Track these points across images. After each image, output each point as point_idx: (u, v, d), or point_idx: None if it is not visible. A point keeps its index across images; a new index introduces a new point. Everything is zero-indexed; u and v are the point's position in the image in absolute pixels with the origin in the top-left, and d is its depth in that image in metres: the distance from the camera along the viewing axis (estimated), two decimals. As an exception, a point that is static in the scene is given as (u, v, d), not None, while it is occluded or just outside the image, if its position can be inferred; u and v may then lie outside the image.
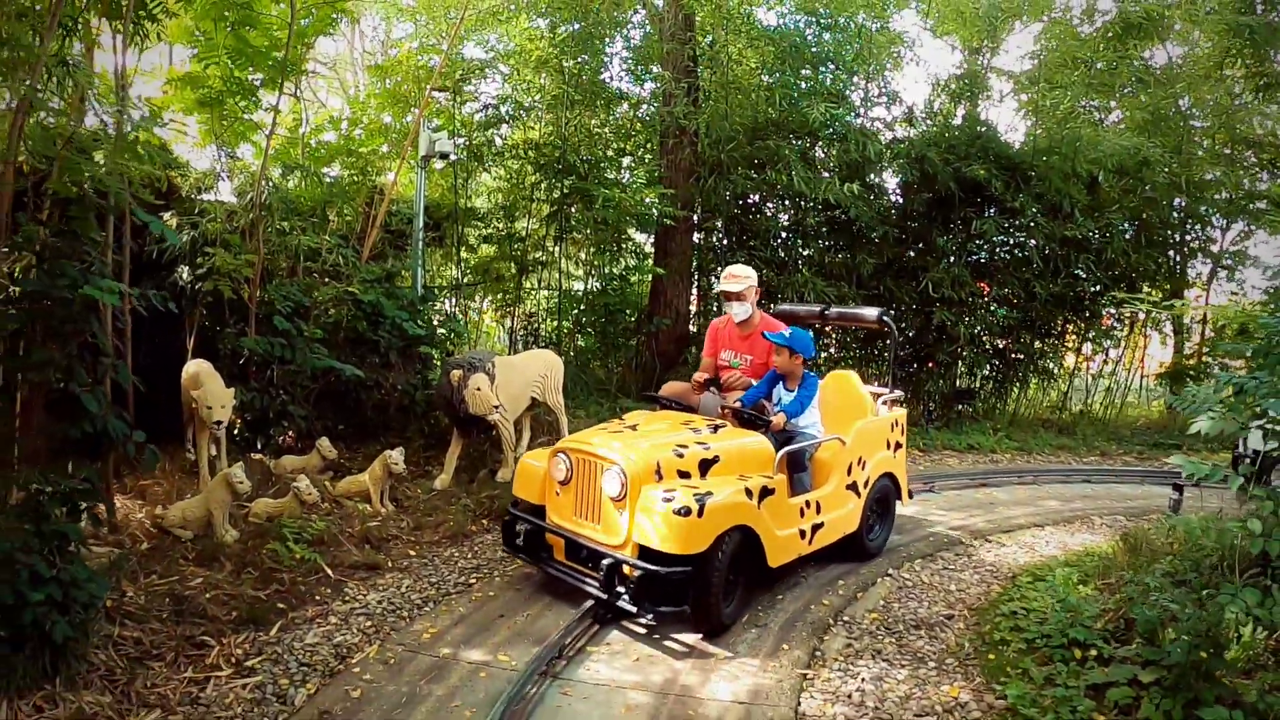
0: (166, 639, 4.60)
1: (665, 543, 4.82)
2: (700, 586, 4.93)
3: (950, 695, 4.48)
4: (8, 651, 3.89)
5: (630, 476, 5.06)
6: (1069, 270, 12.98)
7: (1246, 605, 4.03)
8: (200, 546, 5.72)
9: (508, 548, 5.87)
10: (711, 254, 13.12)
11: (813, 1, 12.44)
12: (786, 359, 6.06)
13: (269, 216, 8.25)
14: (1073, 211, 12.61)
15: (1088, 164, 12.19)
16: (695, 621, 5.07)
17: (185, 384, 7.13)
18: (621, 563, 5.03)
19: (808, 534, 5.81)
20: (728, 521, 5.02)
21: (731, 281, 6.59)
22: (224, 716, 4.05)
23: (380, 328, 8.67)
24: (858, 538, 6.46)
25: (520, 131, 12.42)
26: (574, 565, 5.41)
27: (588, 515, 5.34)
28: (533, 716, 4.11)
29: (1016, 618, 5.29)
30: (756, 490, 5.28)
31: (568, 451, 5.49)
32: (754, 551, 5.32)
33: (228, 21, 7.93)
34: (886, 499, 6.92)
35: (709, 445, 5.49)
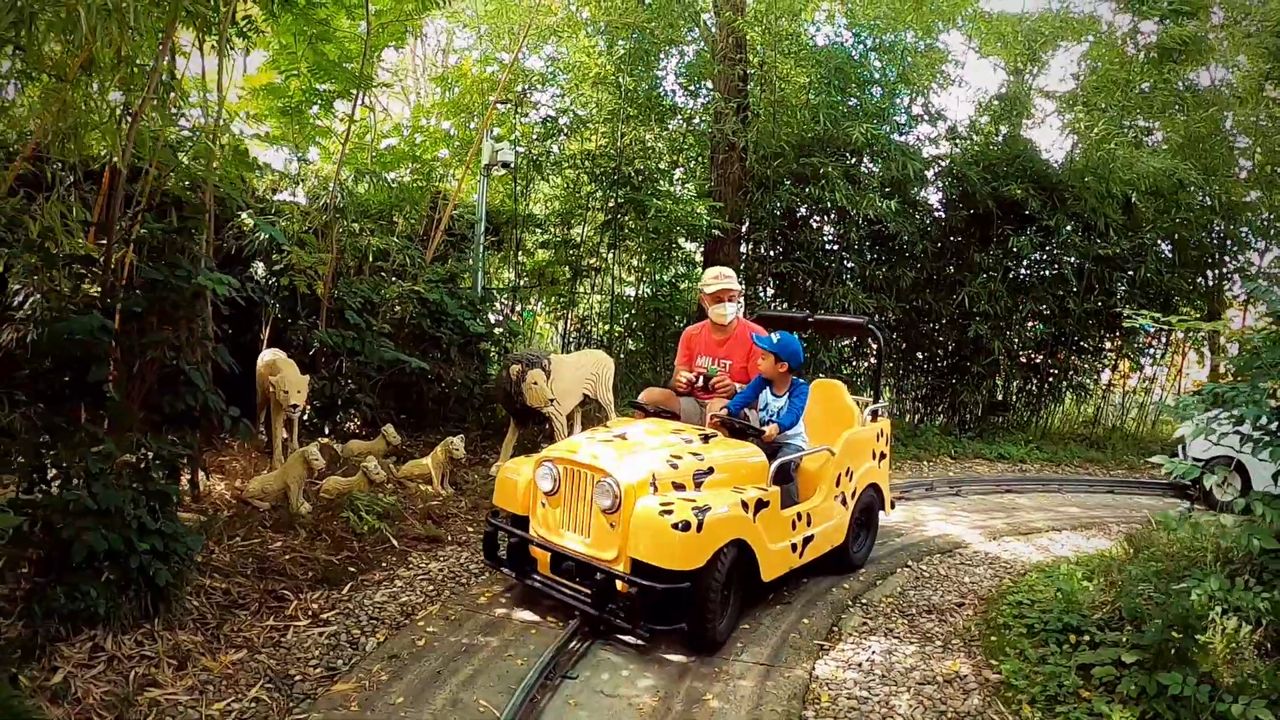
0: (250, 591, 5.11)
1: (663, 558, 4.59)
2: (697, 603, 4.72)
3: (951, 669, 4.85)
4: (116, 591, 4.39)
5: (624, 489, 4.81)
6: (1103, 288, 13.13)
7: (1211, 591, 4.31)
8: (277, 516, 6.24)
9: (488, 560, 5.56)
10: (758, 264, 13.48)
11: (866, 17, 12.79)
12: (772, 364, 5.87)
13: (341, 218, 8.80)
14: (1108, 230, 12.79)
15: (1122, 185, 12.34)
16: (690, 639, 4.84)
17: (261, 372, 7.67)
18: (615, 578, 4.78)
19: (799, 547, 5.63)
20: (726, 536, 4.82)
21: (724, 281, 6.45)
22: (303, 657, 4.53)
23: (442, 325, 9.20)
24: (844, 549, 6.30)
25: (577, 143, 12.89)
26: (559, 580, 5.18)
27: (577, 528, 5.07)
28: (577, 665, 4.54)
29: (1021, 607, 5.56)
30: (752, 503, 5.09)
31: (555, 461, 5.19)
32: (747, 566, 5.12)
33: (306, 36, 8.52)
34: (871, 509, 6.75)
35: (703, 456, 5.27)
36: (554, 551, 5.12)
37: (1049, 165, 13.22)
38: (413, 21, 9.54)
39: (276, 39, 8.47)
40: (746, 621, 5.36)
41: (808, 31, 13.25)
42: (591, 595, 4.82)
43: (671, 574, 4.59)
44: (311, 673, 4.39)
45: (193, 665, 4.33)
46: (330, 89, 9.21)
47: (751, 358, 6.32)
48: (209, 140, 6.22)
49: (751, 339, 6.24)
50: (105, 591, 4.32)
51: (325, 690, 4.20)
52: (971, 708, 4.43)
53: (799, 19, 12.57)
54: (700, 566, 4.63)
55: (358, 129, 10.07)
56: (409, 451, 8.29)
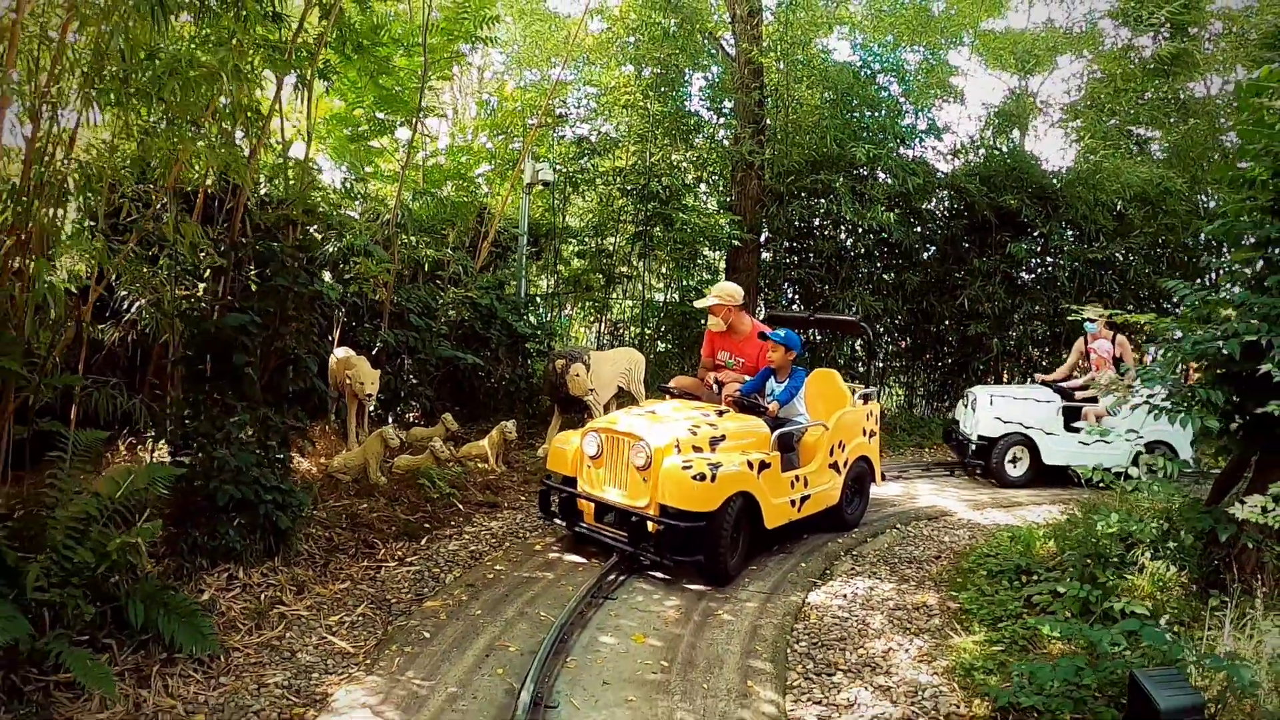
0: (347, 540, 6.23)
1: (684, 502, 5.70)
2: (711, 539, 5.77)
3: (920, 600, 5.93)
4: (246, 534, 5.50)
5: (654, 450, 5.94)
6: (1095, 289, 13.92)
7: (1111, 524, 5.33)
8: (359, 486, 7.35)
9: (542, 513, 6.71)
10: (776, 270, 14.49)
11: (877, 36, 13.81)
12: (781, 355, 7.05)
13: (402, 232, 9.93)
14: (1098, 235, 13.68)
15: (1110, 194, 13.20)
16: (706, 570, 5.90)
17: (335, 368, 8.77)
18: (646, 520, 5.87)
19: (797, 503, 6.70)
20: (733, 487, 5.88)
21: (713, 299, 7.59)
22: (395, 587, 5.63)
23: (492, 326, 10.32)
24: (838, 510, 7.38)
25: (609, 161, 13.97)
26: (602, 526, 6.31)
27: (617, 484, 6.20)
28: (616, 591, 5.68)
29: (985, 558, 6.54)
30: (756, 464, 6.20)
31: (599, 431, 6.36)
32: (754, 516, 6.21)
33: (369, 71, 9.68)
34: (862, 478, 7.81)
35: (717, 426, 6.44)
36: (598, 503, 6.30)
37: (1045, 176, 14.07)
38: (460, 57, 10.71)
39: (345, 75, 9.63)
40: (754, 565, 6.43)
41: (823, 50, 14.26)
42: (628, 535, 5.96)
43: (691, 516, 5.70)
44: (404, 597, 5.49)
45: (308, 591, 5.45)
46: (390, 118, 10.40)
47: (762, 352, 7.41)
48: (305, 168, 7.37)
49: (764, 333, 7.29)
50: (239, 533, 5.43)
51: (417, 607, 5.30)
52: (932, 626, 5.48)
53: (811, 46, 13.58)
54: (714, 510, 5.73)
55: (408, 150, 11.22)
56: (464, 437, 9.38)
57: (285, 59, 6.38)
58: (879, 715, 4.33)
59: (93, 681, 3.77)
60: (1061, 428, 9.93)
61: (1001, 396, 10.07)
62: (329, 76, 8.29)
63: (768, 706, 4.34)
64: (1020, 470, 10.03)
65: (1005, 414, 9.87)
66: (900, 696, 4.52)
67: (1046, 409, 9.94)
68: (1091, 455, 9.33)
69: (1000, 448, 9.86)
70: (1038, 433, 9.87)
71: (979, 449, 10.01)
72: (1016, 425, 9.85)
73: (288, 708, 4.11)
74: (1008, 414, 9.87)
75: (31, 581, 3.86)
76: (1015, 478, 10.00)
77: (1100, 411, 9.66)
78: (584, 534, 6.41)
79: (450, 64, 10.67)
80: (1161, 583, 5.31)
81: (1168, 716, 3.26)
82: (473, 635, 4.94)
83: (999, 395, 10.11)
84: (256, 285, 6.41)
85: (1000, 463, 9.91)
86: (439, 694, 4.23)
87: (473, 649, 4.77)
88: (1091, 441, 9.31)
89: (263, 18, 6.20)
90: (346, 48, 8.46)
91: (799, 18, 13.09)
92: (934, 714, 4.33)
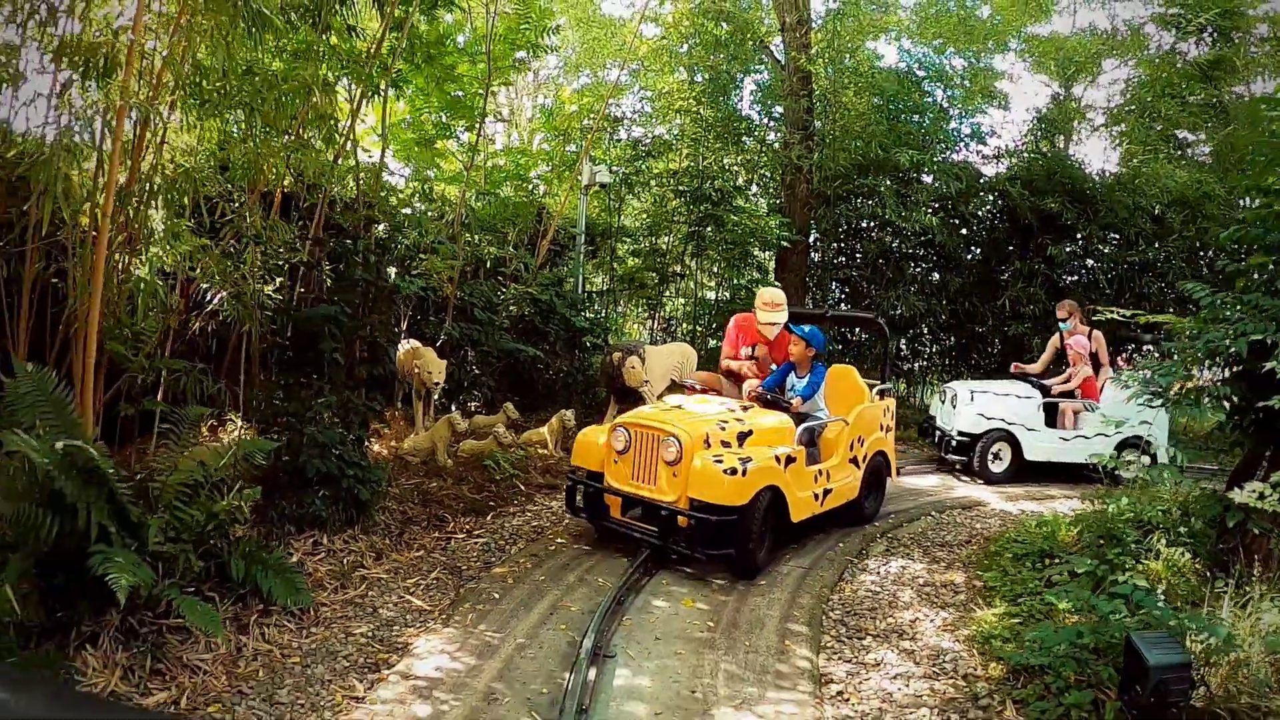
0: (419, 514, 6.73)
1: (716, 496, 5.73)
2: (742, 533, 5.81)
3: (948, 578, 6.29)
4: (331, 504, 6.01)
5: (685, 445, 5.96)
6: (1134, 292, 14.04)
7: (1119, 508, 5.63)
8: (427, 467, 7.85)
9: (568, 509, 6.73)
10: (823, 270, 14.84)
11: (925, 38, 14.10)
12: (801, 349, 7.10)
13: (466, 231, 10.46)
14: (1137, 239, 13.82)
15: (1149, 198, 13.35)
16: (736, 564, 5.96)
17: (403, 358, 9.29)
18: (677, 514, 5.88)
19: (820, 497, 6.75)
20: (762, 481, 5.94)
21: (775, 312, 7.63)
22: (465, 556, 6.12)
23: (550, 321, 10.81)
24: (858, 503, 7.43)
25: (663, 163, 14.41)
26: (630, 520, 6.35)
27: (645, 478, 6.17)
28: (666, 566, 6.11)
29: (1013, 543, 6.81)
30: (783, 458, 6.25)
31: (627, 426, 6.34)
32: (779, 510, 6.24)
33: (435, 79, 10.22)
34: (879, 472, 7.85)
35: (744, 420, 6.46)
36: (626, 497, 6.32)
37: (1086, 179, 14.23)
38: (523, 65, 11.22)
39: (414, 83, 10.18)
40: (794, 544, 6.80)
41: (871, 53, 14.59)
42: (658, 529, 6.01)
43: (722, 510, 5.76)
44: (473, 565, 5.98)
45: (386, 557, 5.94)
46: (455, 123, 10.96)
47: (784, 346, 7.51)
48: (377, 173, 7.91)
49: (786, 330, 7.40)
50: (324, 503, 5.95)
51: (486, 573, 5.78)
52: (958, 601, 5.84)
53: (859, 52, 13.92)
54: (744, 504, 5.79)
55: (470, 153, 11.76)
56: (524, 425, 9.86)
57: (366, 72, 6.90)
58: (902, 673, 4.70)
59: (203, 624, 4.26)
60: (1043, 424, 9.89)
61: (983, 392, 10.01)
62: (400, 85, 8.82)
63: (802, 662, 4.75)
64: (1002, 467, 9.95)
65: (987, 410, 9.83)
66: (923, 659, 4.89)
67: (1028, 405, 9.88)
68: (1073, 451, 9.61)
69: (983, 444, 9.82)
70: (1020, 429, 9.82)
71: (959, 445, 9.95)
72: (999, 422, 9.82)
73: (373, 653, 4.59)
74: (990, 410, 9.83)
75: (153, 535, 4.38)
76: (997, 474, 9.91)
77: (1077, 407, 9.76)
78: (611, 529, 6.48)
79: (511, 70, 11.18)
80: (1175, 567, 5.58)
81: (1156, 671, 3.58)
82: (537, 597, 5.41)
83: (980, 391, 10.05)
84: (334, 280, 6.94)
85: (983, 459, 9.87)
86: (509, 643, 4.70)
87: (538, 608, 5.23)
88: (1072, 438, 9.56)
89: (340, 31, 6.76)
90: (417, 58, 9.00)
91: (846, 26, 13.42)
92: (953, 674, 4.69)
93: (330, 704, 4.07)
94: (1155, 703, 3.61)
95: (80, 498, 4.04)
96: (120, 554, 3.97)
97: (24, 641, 3.93)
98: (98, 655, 4.09)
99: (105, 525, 4.10)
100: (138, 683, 4.06)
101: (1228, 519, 5.23)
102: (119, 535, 4.18)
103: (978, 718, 4.22)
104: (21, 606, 3.84)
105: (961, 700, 4.40)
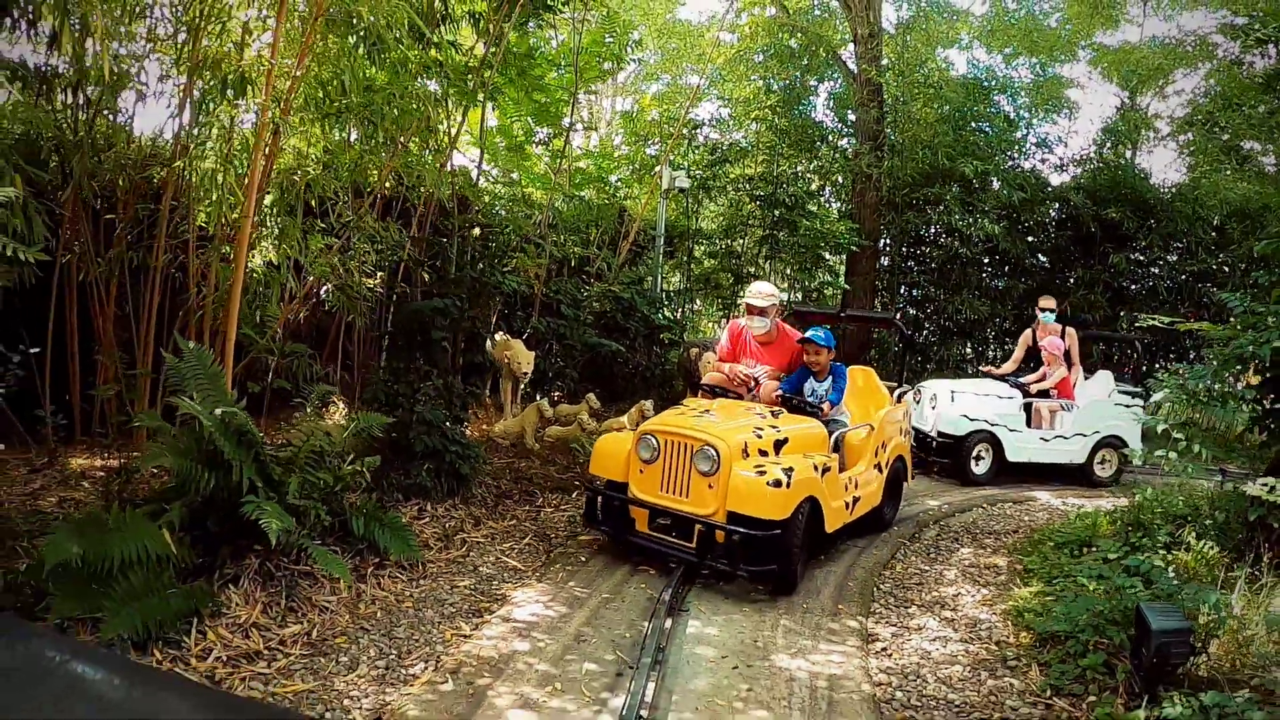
0: (512, 489, 7.40)
1: (762, 510, 5.38)
2: (785, 547, 5.49)
3: (991, 562, 6.75)
4: (434, 476, 6.68)
5: (723, 455, 5.58)
6: (1193, 300, 14.13)
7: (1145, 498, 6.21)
8: (516, 449, 8.51)
9: (587, 522, 6.33)
10: (890, 275, 15.25)
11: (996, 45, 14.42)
12: (825, 356, 6.84)
13: (554, 232, 11.13)
14: (1196, 249, 13.96)
15: (1209, 209, 13.46)
16: (777, 579, 5.63)
17: (494, 349, 9.99)
18: (715, 528, 5.52)
19: (850, 505, 6.51)
20: (805, 492, 5.64)
21: (758, 298, 7.08)
22: (553, 526, 6.75)
23: (631, 318, 11.42)
24: (880, 510, 7.23)
25: (739, 169, 14.94)
26: (658, 535, 5.91)
27: (676, 490, 5.76)
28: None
29: (1055, 533, 7.17)
30: (820, 467, 5.96)
31: (655, 433, 5.91)
32: (814, 521, 5.94)
33: (525, 88, 10.91)
34: (897, 478, 7.64)
35: (779, 428, 6.08)
36: (653, 509, 5.92)
37: (1149, 190, 14.36)
38: (606, 75, 11.86)
39: (506, 94, 10.88)
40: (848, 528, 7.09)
41: (942, 61, 14.96)
42: (696, 545, 5.67)
43: (765, 524, 5.42)
44: (560, 534, 6.60)
45: (483, 525, 6.60)
46: (542, 127, 11.66)
47: (792, 357, 7.17)
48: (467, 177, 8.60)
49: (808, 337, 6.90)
50: (429, 475, 6.62)
51: (573, 541, 6.40)
52: (999, 581, 6.29)
53: (931, 60, 14.29)
54: (788, 517, 5.49)
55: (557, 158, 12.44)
56: (605, 415, 10.48)
57: (470, 89, 7.58)
58: (941, 637, 5.19)
59: (333, 569, 4.93)
60: (1024, 424, 9.80)
61: (963, 393, 9.84)
62: (495, 96, 9.51)
63: (852, 622, 5.28)
64: (984, 468, 9.80)
65: (971, 411, 9.68)
66: (961, 626, 5.37)
67: (1009, 405, 9.77)
68: (1053, 451, 9.79)
69: (968, 446, 9.65)
70: (1002, 430, 9.70)
71: (942, 446, 9.80)
72: (982, 423, 9.66)
73: (476, 602, 5.22)
74: (974, 411, 9.68)
75: (292, 491, 5.07)
76: (979, 476, 9.74)
77: (1054, 407, 9.79)
78: (638, 544, 6.05)
79: (596, 80, 11.84)
80: (1204, 558, 5.90)
81: (1157, 635, 4.01)
82: (620, 561, 6.01)
83: (960, 392, 9.90)
84: (438, 276, 7.64)
85: (966, 461, 9.69)
86: (596, 597, 5.31)
87: (620, 570, 5.84)
88: (1052, 438, 9.77)
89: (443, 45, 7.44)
90: (510, 71, 9.69)
91: (917, 37, 13.82)
92: (987, 640, 5.16)
93: (441, 640, 4.69)
94: (1158, 664, 4.05)
95: (235, 456, 4.73)
96: (268, 504, 4.65)
97: (180, 578, 4.62)
98: (240, 593, 4.76)
99: (253, 481, 4.79)
100: (275, 616, 4.72)
101: (1249, 513, 5.59)
102: (264, 490, 4.87)
103: (1005, 676, 4.69)
104: (177, 547, 4.54)
105: (992, 661, 4.87)
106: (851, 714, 4.11)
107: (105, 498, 5.47)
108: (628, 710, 3.88)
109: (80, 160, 5.90)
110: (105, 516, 4.36)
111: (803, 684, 4.39)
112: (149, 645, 4.08)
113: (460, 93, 7.58)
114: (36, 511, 5.44)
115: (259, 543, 4.97)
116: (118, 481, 5.58)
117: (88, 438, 6.86)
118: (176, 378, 5.00)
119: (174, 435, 4.92)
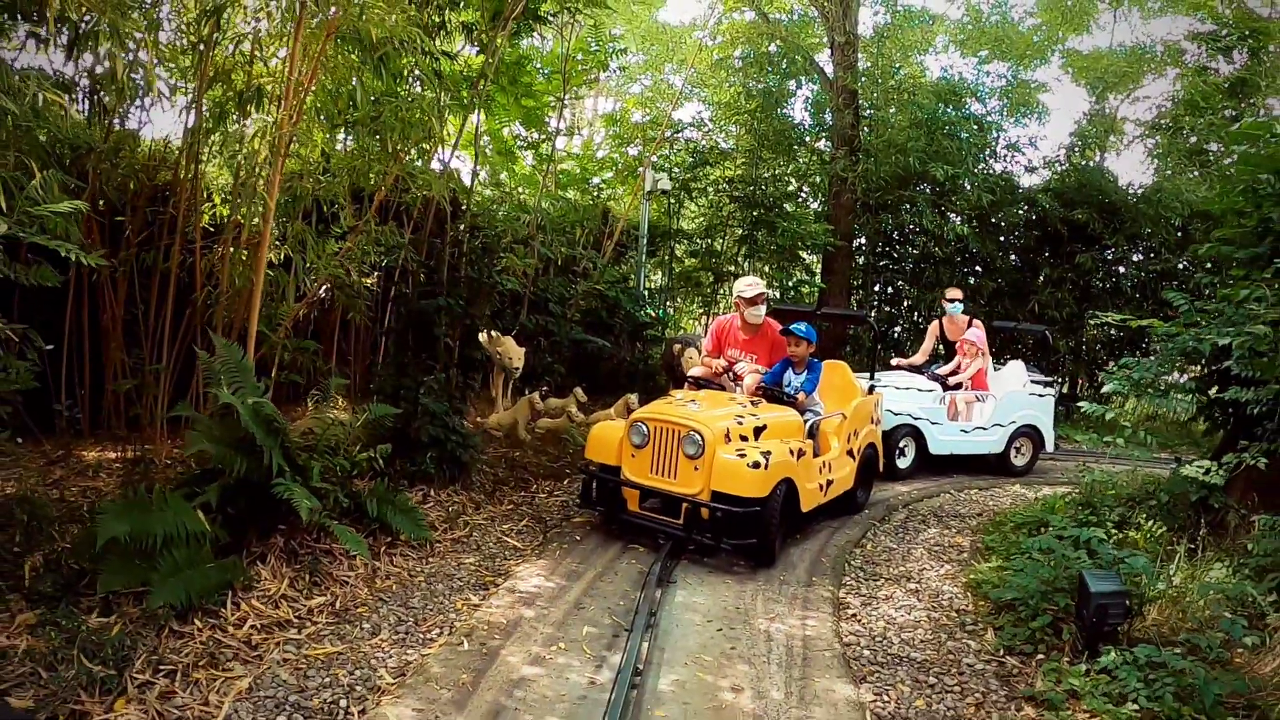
0: (508, 475, 7.92)
1: (742, 489, 5.98)
2: (765, 523, 6.08)
3: (956, 541, 7.33)
4: (438, 463, 7.17)
5: (707, 440, 6.16)
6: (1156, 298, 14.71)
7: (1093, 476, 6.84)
8: (509, 440, 9.00)
9: (583, 502, 6.95)
10: (865, 274, 15.85)
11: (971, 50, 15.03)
12: (805, 348, 7.33)
13: (541, 232, 11.60)
14: (1160, 249, 14.69)
15: (1172, 211, 14.15)
16: (757, 552, 6.19)
17: (486, 345, 10.44)
18: (700, 506, 6.11)
19: (824, 488, 7.08)
20: (781, 474, 6.23)
21: (751, 289, 7.67)
22: (548, 510, 7.27)
23: (615, 315, 11.93)
24: (852, 494, 7.78)
25: (719, 170, 15.48)
26: (648, 513, 6.55)
27: (664, 472, 6.34)
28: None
29: (1016, 514, 7.77)
30: (796, 451, 6.57)
31: (645, 421, 6.49)
32: (791, 500, 6.48)
33: (515, 95, 11.38)
34: (869, 464, 8.15)
35: (758, 416, 6.63)
36: (644, 490, 6.53)
37: (1114, 192, 15.03)
38: (593, 83, 12.36)
39: (497, 100, 11.35)
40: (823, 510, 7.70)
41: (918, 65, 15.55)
42: (683, 521, 6.25)
43: (746, 501, 6.03)
44: (555, 516, 7.12)
45: (483, 509, 7.10)
46: (529, 132, 12.14)
47: (775, 350, 7.67)
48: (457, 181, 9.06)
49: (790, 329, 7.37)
50: (432, 463, 7.10)
51: (567, 523, 6.91)
52: (961, 558, 6.86)
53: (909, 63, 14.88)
54: (766, 496, 6.08)
55: (545, 161, 12.94)
56: (591, 408, 10.97)
57: (468, 100, 8.05)
58: (905, 605, 5.77)
59: (353, 546, 5.38)
60: (945, 417, 9.96)
61: (884, 387, 9.67)
62: (488, 105, 9.99)
63: (825, 592, 5.85)
64: (907, 461, 9.87)
65: (895, 405, 9.65)
66: (925, 597, 5.96)
67: (930, 398, 9.87)
68: (973, 443, 10.12)
69: (893, 440, 9.60)
70: (924, 423, 9.83)
71: None
72: (906, 417, 9.72)
73: (482, 576, 5.72)
74: (897, 405, 9.67)
75: (317, 474, 5.54)
76: (903, 469, 9.78)
77: (970, 399, 10.04)
78: (629, 521, 6.63)
79: (583, 86, 12.33)
80: (1152, 537, 6.43)
81: (1096, 597, 4.60)
82: (612, 540, 6.54)
83: (880, 386, 9.62)
84: (430, 276, 8.10)
85: (891, 455, 9.55)
86: (591, 571, 5.84)
87: (612, 548, 6.37)
88: (971, 430, 10.15)
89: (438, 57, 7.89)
90: (502, 79, 10.16)
91: (892, 44, 14.40)
92: (948, 608, 5.74)
93: (453, 609, 5.19)
94: (1097, 623, 4.64)
95: (265, 442, 5.20)
96: (296, 487, 5.12)
97: (214, 554, 5.08)
98: (268, 569, 5.22)
99: (282, 465, 5.26)
100: (301, 589, 5.18)
101: (1190, 494, 6.17)
102: (291, 474, 5.34)
103: (963, 638, 5.26)
104: (211, 526, 5.00)
105: (951, 625, 5.45)
106: (823, 668, 4.65)
107: (125, 486, 5.89)
108: (625, 664, 4.42)
109: (96, 164, 6.29)
110: (147, 499, 4.81)
111: (780, 643, 4.94)
112: (189, 615, 4.52)
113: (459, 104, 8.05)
114: (62, 499, 5.83)
115: (283, 522, 5.45)
116: (137, 471, 6.02)
117: (99, 432, 7.22)
118: (210, 372, 5.46)
119: (209, 424, 5.38)
